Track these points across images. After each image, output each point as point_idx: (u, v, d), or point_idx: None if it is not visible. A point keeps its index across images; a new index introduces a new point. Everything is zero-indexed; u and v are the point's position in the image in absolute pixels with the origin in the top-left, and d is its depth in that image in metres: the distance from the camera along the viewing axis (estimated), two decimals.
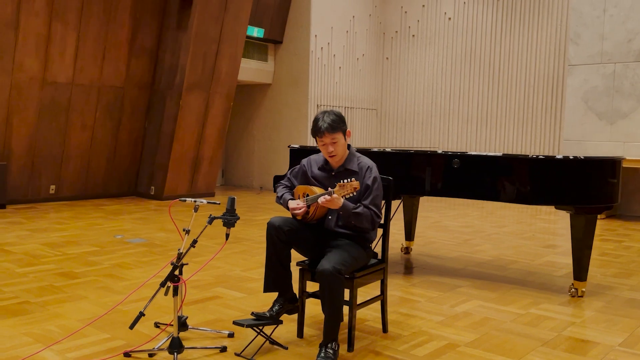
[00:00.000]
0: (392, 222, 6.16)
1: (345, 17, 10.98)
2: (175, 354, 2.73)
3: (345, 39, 11.04)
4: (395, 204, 5.15)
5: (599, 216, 8.00)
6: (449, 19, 10.91)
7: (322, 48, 10.63)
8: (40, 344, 2.96)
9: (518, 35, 10.14)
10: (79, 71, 8.28)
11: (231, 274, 4.54)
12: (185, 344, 2.94)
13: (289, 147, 4.83)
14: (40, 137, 8.12)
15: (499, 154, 4.20)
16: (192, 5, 8.50)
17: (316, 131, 2.95)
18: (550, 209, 8.64)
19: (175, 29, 8.89)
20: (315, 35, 10.49)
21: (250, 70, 10.44)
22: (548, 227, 7.45)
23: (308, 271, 3.08)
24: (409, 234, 5.46)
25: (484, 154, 4.23)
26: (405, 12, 11.46)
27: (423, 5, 11.20)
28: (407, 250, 5.49)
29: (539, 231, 7.00)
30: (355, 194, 2.81)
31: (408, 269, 5.00)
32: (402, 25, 11.53)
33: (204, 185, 9.43)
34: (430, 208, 8.87)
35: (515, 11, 10.15)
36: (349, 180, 2.75)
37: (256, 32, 10.12)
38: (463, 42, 10.77)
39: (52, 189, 8.43)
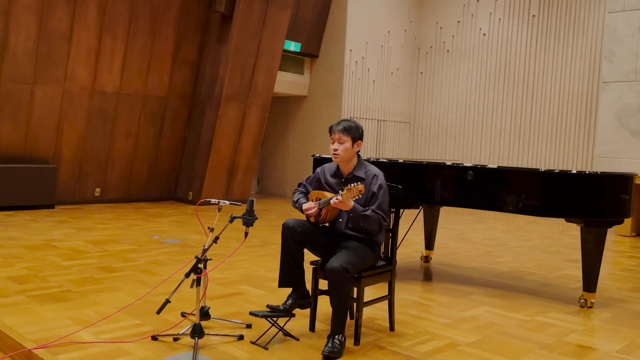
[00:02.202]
0: (413, 232, 6.36)
1: (381, 32, 11.26)
2: (197, 338, 3.02)
3: (380, 53, 11.31)
4: (414, 213, 5.37)
5: (627, 234, 8.01)
6: (484, 35, 11.05)
7: (356, 62, 10.93)
8: (79, 326, 3.32)
9: (552, 51, 10.20)
10: (125, 82, 8.81)
11: (255, 274, 4.84)
12: (207, 331, 3.23)
13: (312, 156, 5.12)
14: (88, 143, 8.67)
15: (512, 167, 4.38)
16: (232, 20, 8.93)
17: (330, 127, 3.27)
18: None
19: (215, 43, 9.35)
20: (350, 50, 10.80)
21: (287, 82, 10.82)
22: (574, 242, 7.48)
23: (320, 270, 3.34)
24: (429, 244, 5.66)
25: (497, 166, 4.42)
26: (441, 27, 11.65)
27: (458, 21, 11.38)
28: (426, 259, 5.68)
29: (564, 246, 7.06)
30: (360, 196, 3.07)
31: (426, 276, 5.19)
32: (437, 40, 11.72)
33: (239, 192, 9.81)
34: (458, 221, 8.99)
35: (550, 28, 10.21)
36: (355, 184, 3.02)
37: (293, 46, 10.50)
38: (497, 57, 10.89)
39: (98, 192, 8.96)
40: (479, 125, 11.14)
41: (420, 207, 5.29)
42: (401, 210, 3.59)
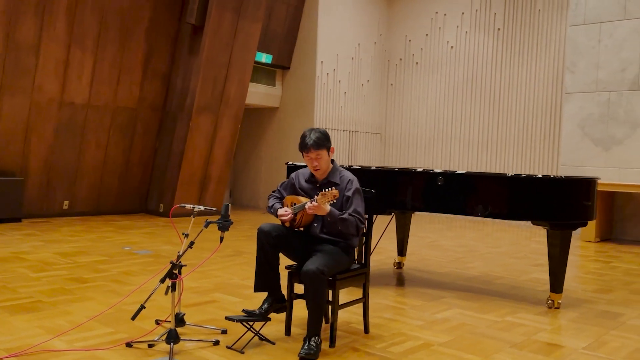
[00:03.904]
0: (386, 239, 6.44)
1: (351, 44, 11.42)
2: (172, 344, 3.02)
3: (350, 66, 11.46)
4: (386, 220, 5.46)
5: (592, 239, 8.25)
6: (451, 47, 11.30)
7: (327, 74, 11.05)
8: (51, 334, 3.27)
9: (517, 63, 10.49)
10: (95, 93, 8.73)
11: (230, 282, 4.84)
12: (182, 337, 3.23)
13: (286, 164, 5.17)
14: (56, 155, 8.54)
15: (481, 172, 4.50)
16: (204, 32, 8.96)
17: (303, 146, 3.29)
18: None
19: (186, 54, 9.35)
20: (322, 62, 10.92)
21: (259, 94, 10.87)
22: (541, 248, 7.66)
23: (296, 274, 3.37)
24: (402, 250, 5.74)
25: (466, 172, 4.53)
26: (410, 40, 11.88)
27: (426, 35, 11.62)
28: (399, 265, 5.76)
29: (531, 252, 7.23)
30: (335, 201, 3.13)
31: (399, 281, 5.26)
32: (406, 53, 11.94)
33: (211, 203, 9.76)
34: (429, 229, 9.13)
35: (515, 41, 10.51)
36: (330, 189, 3.07)
37: (264, 58, 10.57)
38: (465, 69, 11.14)
39: (66, 205, 8.81)
40: (448, 135, 11.35)
41: (393, 214, 5.38)
42: (374, 216, 3.66)
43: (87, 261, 5.52)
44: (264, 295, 3.43)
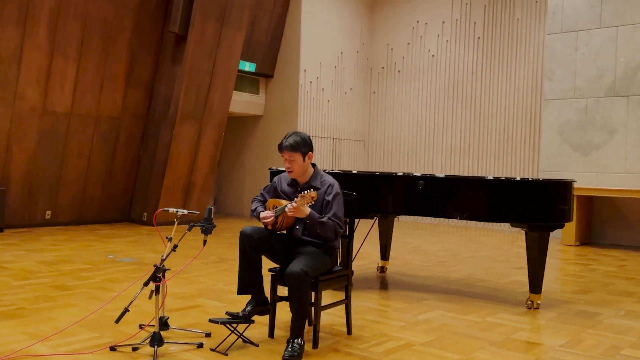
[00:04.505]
0: (370, 245, 6.50)
1: (334, 53, 11.53)
2: (156, 347, 3.04)
3: (333, 74, 11.56)
4: (369, 224, 5.52)
5: (572, 243, 8.39)
6: (433, 56, 11.46)
7: (311, 82, 11.13)
8: (34, 340, 3.27)
9: (497, 71, 10.67)
10: (78, 102, 8.71)
11: (214, 288, 4.86)
12: (166, 341, 3.24)
13: (269, 169, 5.22)
14: (39, 164, 8.49)
15: (461, 175, 4.58)
16: (187, 41, 8.99)
17: (279, 146, 3.36)
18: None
19: (170, 63, 9.38)
20: (305, 70, 11.00)
21: (243, 102, 10.92)
22: (522, 252, 7.77)
23: (279, 277, 3.41)
24: (385, 255, 5.80)
25: (445, 175, 4.62)
26: (391, 49, 12.02)
27: (408, 43, 11.77)
28: (382, 270, 5.82)
29: (513, 256, 7.33)
30: (314, 202, 3.18)
31: (382, 285, 5.32)
32: (388, 61, 12.08)
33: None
34: (413, 235, 9.21)
35: (495, 49, 10.70)
36: (308, 191, 3.12)
37: (248, 66, 10.63)
38: (446, 77, 11.30)
39: (48, 214, 8.75)
40: (431, 142, 11.48)
41: (375, 218, 5.44)
42: (357, 221, 3.72)
43: (70, 269, 5.50)
44: (247, 298, 3.46)
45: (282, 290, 3.37)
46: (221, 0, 9.11)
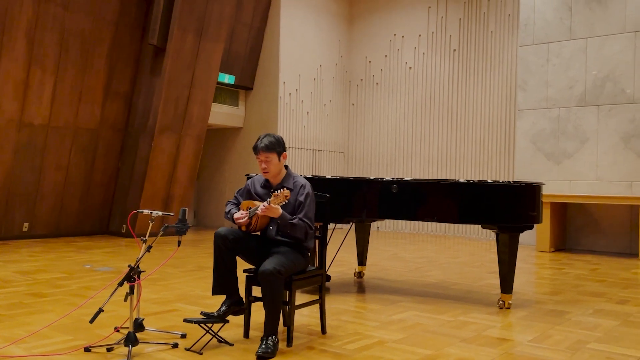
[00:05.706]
0: (347, 252, 6.56)
1: (313, 65, 11.68)
2: (130, 346, 3.06)
3: (312, 86, 11.70)
4: (345, 231, 5.59)
5: (547, 249, 8.55)
6: (410, 68, 11.67)
7: (290, 94, 11.25)
8: (8, 342, 3.28)
9: (472, 82, 10.90)
10: (55, 114, 8.70)
11: (191, 293, 4.89)
12: (141, 341, 3.27)
13: (246, 175, 5.27)
14: (16, 176, 8.44)
15: (434, 179, 4.69)
16: (165, 53, 9.06)
17: (254, 148, 3.43)
18: None
19: (148, 75, 9.43)
20: (284, 82, 11.12)
21: (222, 114, 10.98)
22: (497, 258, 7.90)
23: (254, 278, 3.46)
24: (362, 260, 5.87)
25: (414, 179, 4.73)
26: (370, 61, 12.21)
27: (386, 56, 11.97)
28: (359, 275, 5.88)
29: (488, 261, 7.46)
30: (287, 201, 3.26)
31: (359, 289, 5.39)
32: (367, 73, 12.26)
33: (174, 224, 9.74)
34: (391, 244, 9.30)
35: (470, 61, 10.93)
36: (281, 190, 3.20)
37: (227, 78, 10.72)
38: (423, 89, 11.50)
39: (26, 227, 8.69)
40: (409, 153, 11.64)
41: (351, 224, 5.53)
42: (334, 226, 3.79)
43: (46, 278, 5.48)
44: (222, 299, 3.51)
45: (257, 291, 3.42)
46: (199, 13, 9.21)
